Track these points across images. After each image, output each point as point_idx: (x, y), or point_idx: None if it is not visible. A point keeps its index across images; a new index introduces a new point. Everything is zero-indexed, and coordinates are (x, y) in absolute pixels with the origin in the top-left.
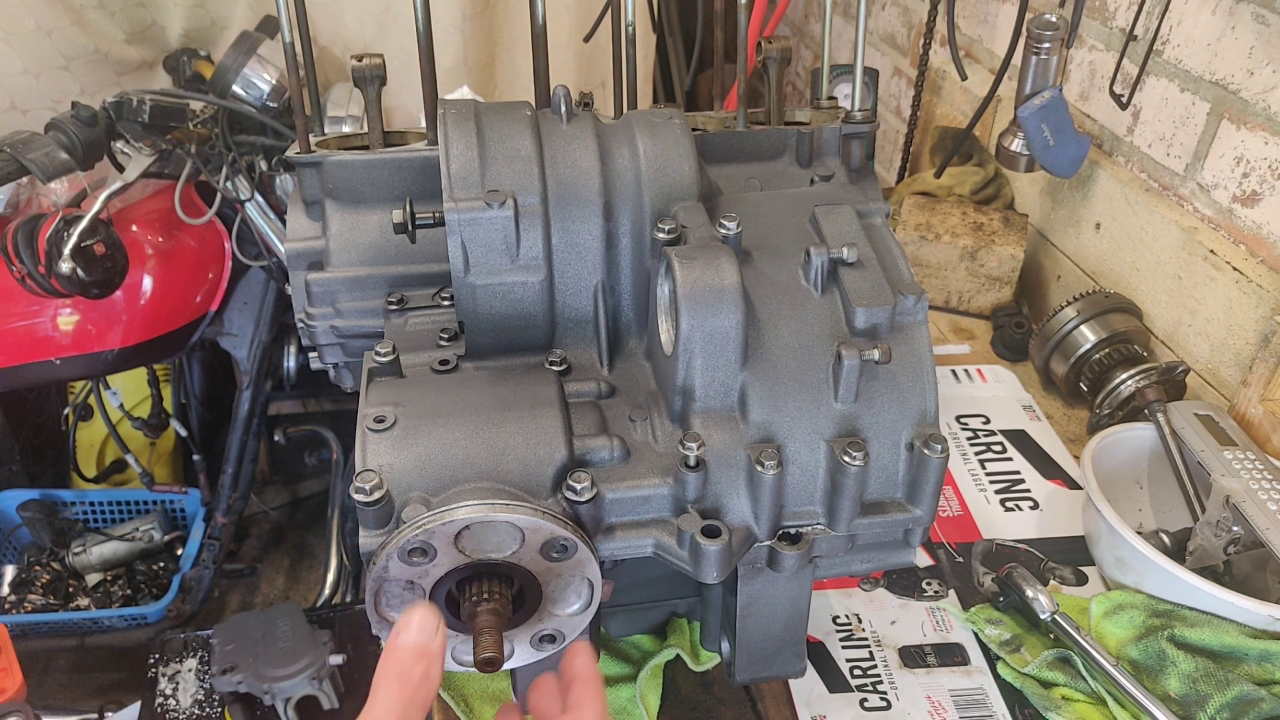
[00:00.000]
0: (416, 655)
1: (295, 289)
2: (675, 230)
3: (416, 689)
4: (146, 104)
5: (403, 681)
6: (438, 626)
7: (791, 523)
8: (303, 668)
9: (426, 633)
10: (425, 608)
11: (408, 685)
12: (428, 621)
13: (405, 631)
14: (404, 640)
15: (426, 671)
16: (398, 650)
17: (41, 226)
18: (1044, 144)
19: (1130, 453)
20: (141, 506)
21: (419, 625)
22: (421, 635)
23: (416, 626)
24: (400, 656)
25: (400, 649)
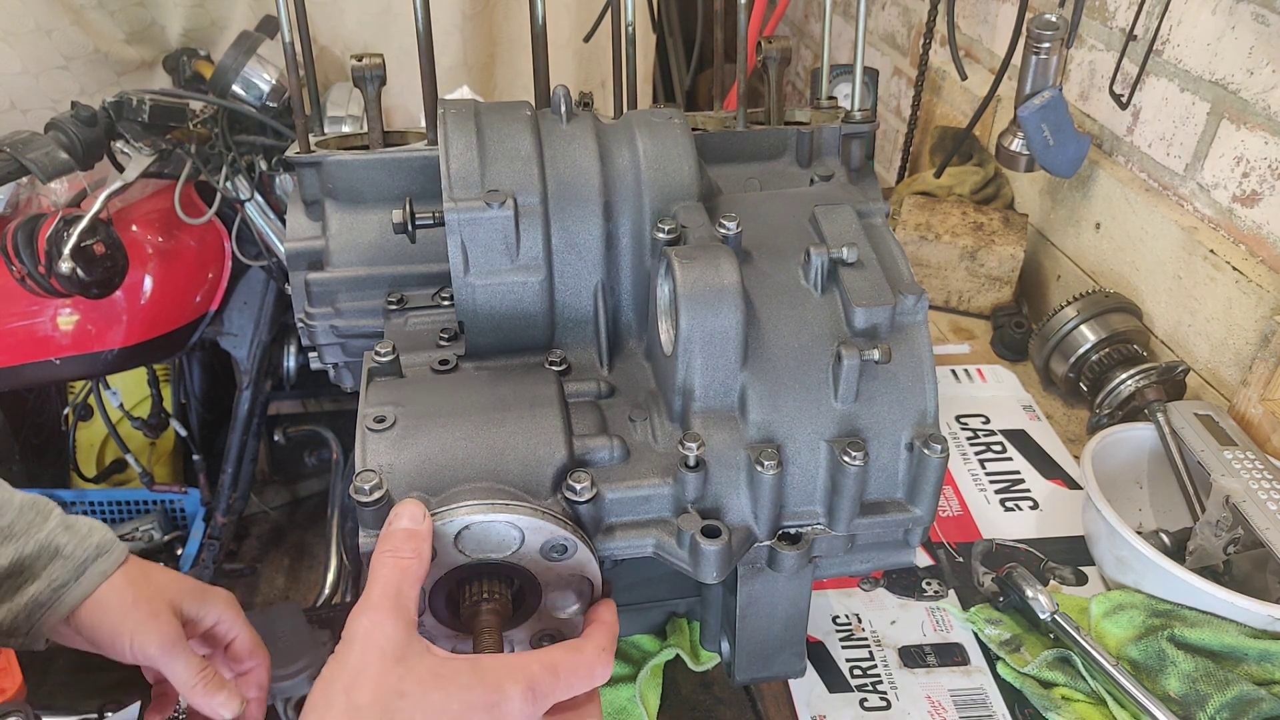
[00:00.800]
0: (407, 535)
1: (295, 289)
2: (675, 230)
3: (409, 564)
4: (146, 104)
5: (396, 557)
6: (424, 514)
7: (791, 523)
8: (303, 668)
9: (415, 520)
10: (413, 501)
11: (400, 561)
12: (415, 510)
13: (396, 520)
14: (395, 526)
15: (417, 549)
16: (391, 535)
17: (41, 226)
18: (1044, 144)
19: (1130, 453)
20: (141, 506)
21: (409, 514)
22: (411, 522)
23: (407, 515)
24: (393, 539)
25: (393, 534)
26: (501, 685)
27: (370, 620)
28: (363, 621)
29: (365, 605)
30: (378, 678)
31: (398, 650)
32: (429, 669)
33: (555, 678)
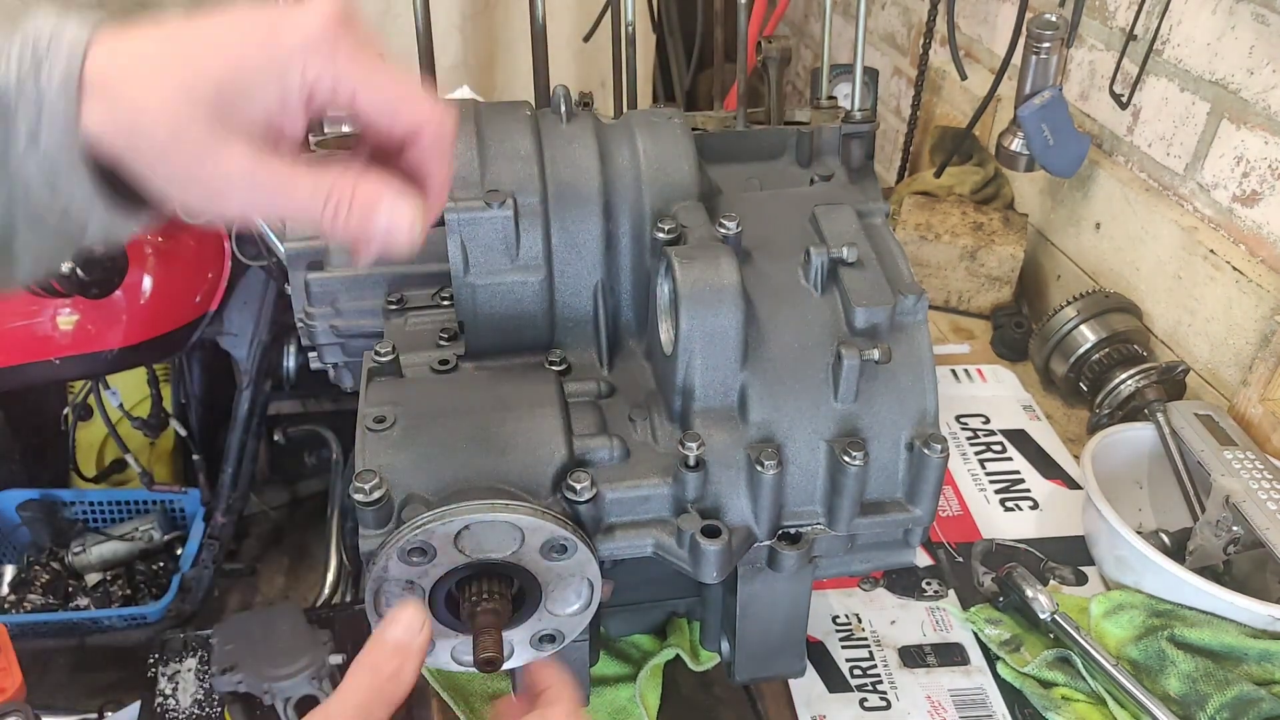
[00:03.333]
0: (394, 651)
1: (295, 289)
2: (675, 230)
3: (385, 683)
4: None
5: (374, 674)
6: (422, 626)
7: (791, 522)
8: (303, 668)
9: (410, 631)
10: (414, 607)
11: (378, 678)
12: (414, 620)
13: (391, 627)
14: (387, 635)
15: (399, 669)
16: (378, 644)
17: None
18: (1044, 144)
19: (1130, 453)
20: (141, 506)
21: (405, 623)
22: (405, 634)
23: (403, 624)
24: (378, 650)
25: (381, 643)
26: None
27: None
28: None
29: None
30: None
31: None
32: None
33: None
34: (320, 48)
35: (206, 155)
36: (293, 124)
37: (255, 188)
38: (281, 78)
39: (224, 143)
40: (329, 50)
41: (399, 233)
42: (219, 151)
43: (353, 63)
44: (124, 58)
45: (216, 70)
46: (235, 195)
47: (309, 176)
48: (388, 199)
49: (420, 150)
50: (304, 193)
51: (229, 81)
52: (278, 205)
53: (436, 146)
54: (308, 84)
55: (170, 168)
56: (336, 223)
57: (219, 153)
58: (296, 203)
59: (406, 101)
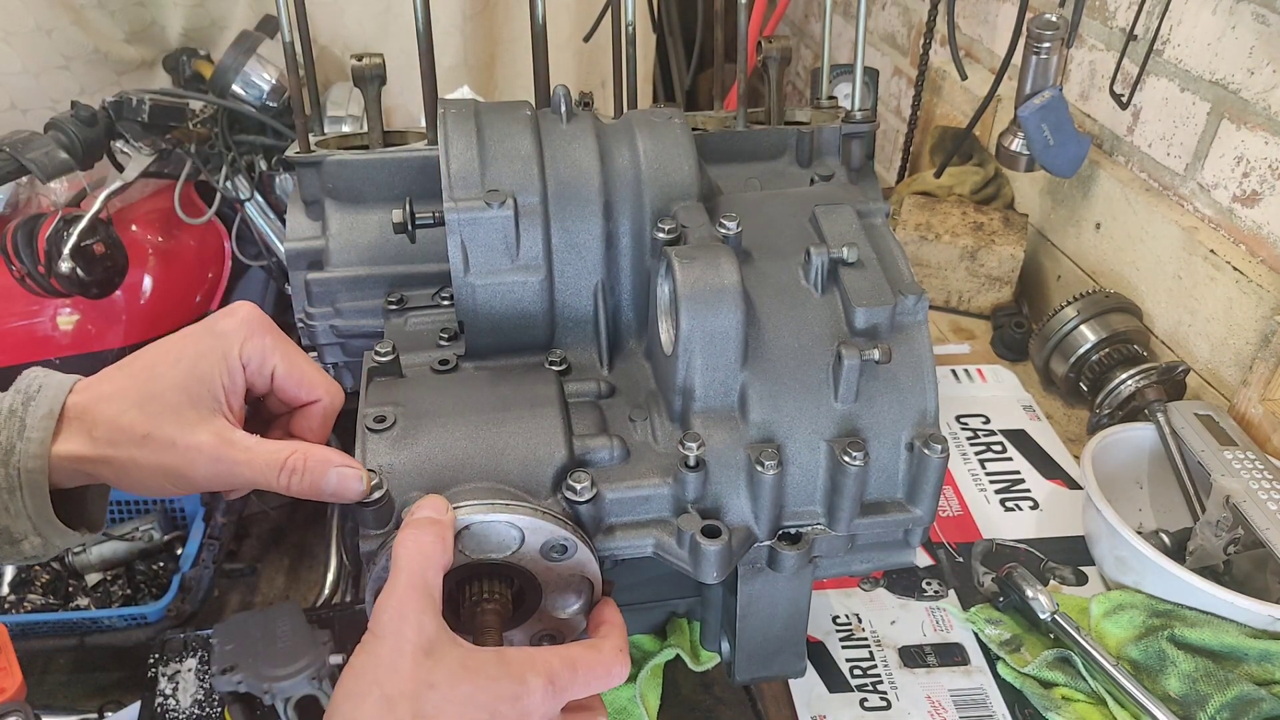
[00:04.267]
0: (430, 522)
1: (295, 289)
2: (675, 230)
3: (432, 550)
4: (146, 103)
5: (419, 543)
6: (447, 506)
7: (791, 523)
8: (303, 668)
9: (438, 509)
10: (435, 495)
11: (423, 546)
12: (439, 502)
13: (419, 509)
14: (419, 514)
15: (441, 534)
16: (414, 521)
17: (41, 226)
18: (1044, 144)
19: (1130, 453)
20: (141, 506)
21: (431, 505)
22: (433, 510)
23: (430, 505)
24: (416, 525)
25: (416, 520)
26: (525, 677)
27: (398, 610)
28: (390, 612)
29: (391, 593)
30: (409, 670)
31: (427, 642)
32: (458, 660)
33: (574, 673)
34: (251, 329)
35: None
36: (238, 393)
37: (219, 462)
38: (226, 358)
39: (190, 431)
40: (258, 331)
41: (348, 491)
42: (186, 438)
43: (275, 344)
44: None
45: (177, 376)
46: (202, 471)
47: (264, 449)
48: (334, 468)
49: (311, 417)
50: (260, 463)
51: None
52: (238, 476)
53: (324, 415)
54: (244, 357)
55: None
56: (290, 487)
57: (186, 439)
58: (255, 471)
59: (313, 381)
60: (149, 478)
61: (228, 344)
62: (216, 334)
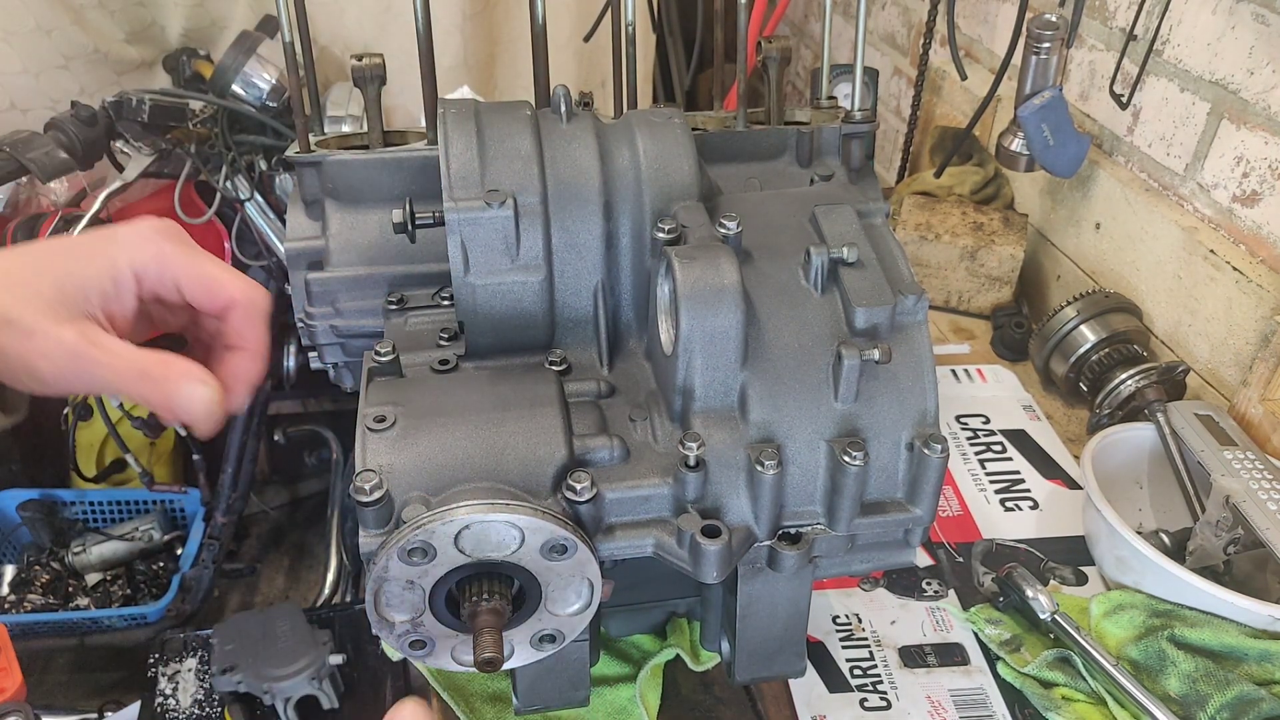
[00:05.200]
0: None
1: (295, 289)
2: (675, 230)
3: None
4: (146, 104)
5: None
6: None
7: (791, 523)
8: (302, 668)
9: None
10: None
11: None
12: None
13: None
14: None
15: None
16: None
17: (41, 226)
18: (1044, 144)
19: (1130, 453)
20: (141, 506)
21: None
22: None
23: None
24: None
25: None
26: None
27: None
28: None
29: None
30: None
31: None
32: None
33: None
34: (146, 240)
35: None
36: (124, 306)
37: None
38: (113, 266)
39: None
40: (155, 242)
41: (196, 410)
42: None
43: (175, 251)
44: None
45: (57, 269)
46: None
47: (129, 354)
48: (190, 381)
49: (235, 319)
50: (122, 366)
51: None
52: (97, 377)
53: (248, 315)
54: (137, 268)
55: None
56: (146, 396)
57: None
58: (115, 375)
59: (221, 282)
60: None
61: (117, 250)
62: (110, 240)
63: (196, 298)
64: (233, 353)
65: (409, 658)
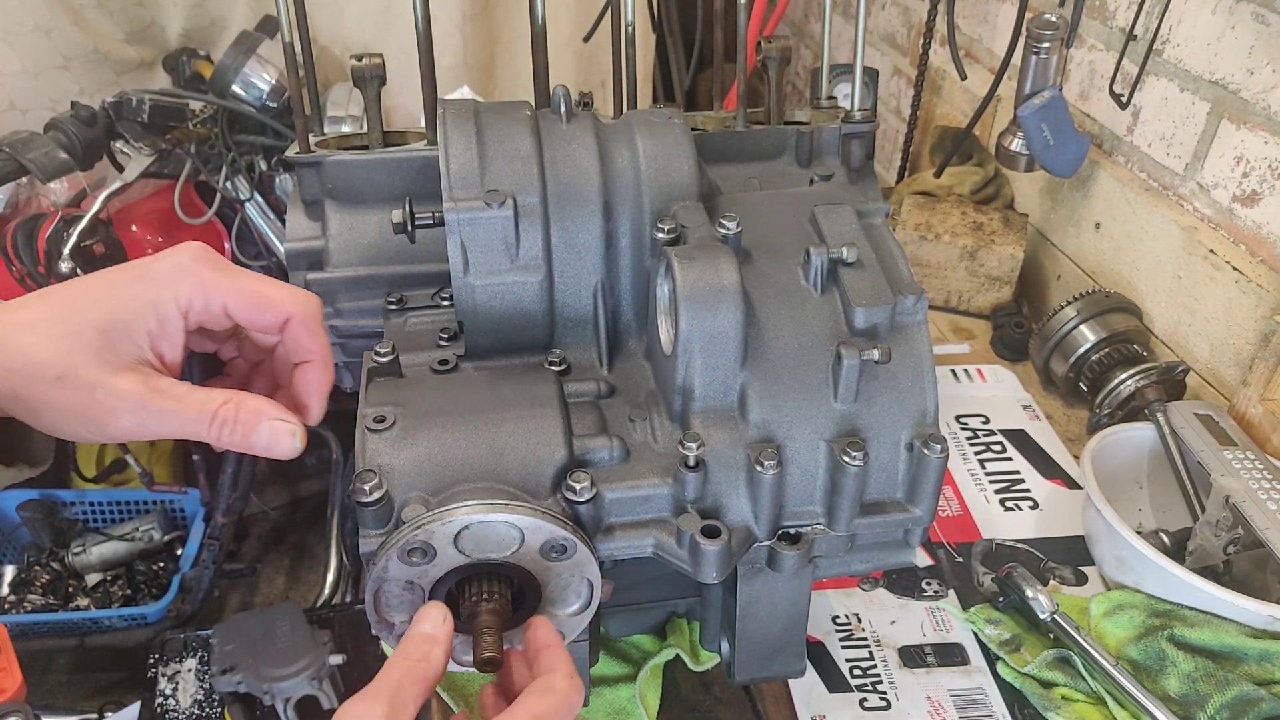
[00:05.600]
0: (422, 639)
1: None
2: (675, 230)
3: (416, 664)
4: (146, 104)
5: (405, 657)
6: (444, 618)
7: (791, 523)
8: (303, 668)
9: (435, 623)
10: (438, 605)
11: (409, 660)
12: (438, 614)
13: (419, 623)
14: (415, 629)
15: (428, 653)
16: (408, 636)
17: (41, 226)
18: (1044, 144)
19: (1130, 453)
20: (141, 506)
21: (431, 618)
22: (431, 626)
23: (429, 619)
24: (409, 640)
25: (410, 635)
26: None
27: (363, 706)
28: (355, 708)
29: (363, 693)
30: None
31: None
32: None
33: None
34: (186, 271)
35: (96, 387)
36: (173, 343)
37: (143, 410)
38: (156, 303)
39: (112, 375)
40: (194, 271)
41: (281, 446)
42: (107, 383)
43: (217, 277)
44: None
45: (97, 316)
46: (124, 419)
47: (195, 398)
48: (267, 420)
49: (294, 333)
50: (191, 413)
51: (110, 321)
52: (166, 425)
53: (306, 326)
54: (182, 303)
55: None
56: (221, 439)
57: (107, 384)
58: (184, 422)
59: (273, 299)
60: (64, 421)
61: (158, 289)
62: (148, 277)
63: (250, 319)
64: (301, 366)
65: None
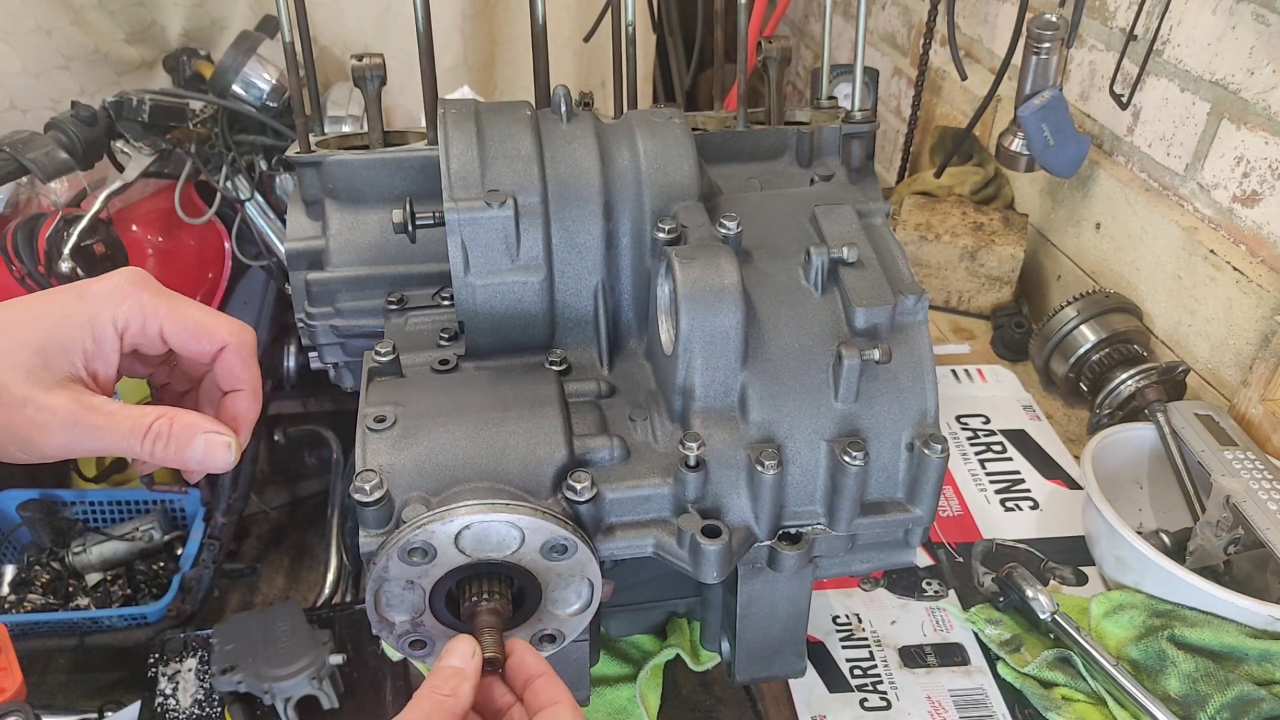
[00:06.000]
0: (452, 673)
1: (295, 289)
2: (675, 230)
3: (445, 698)
4: (146, 104)
5: (435, 691)
6: (474, 652)
7: (791, 522)
8: (303, 668)
9: (464, 658)
10: (466, 639)
11: (438, 695)
12: (466, 649)
13: (447, 656)
14: (444, 663)
15: (457, 688)
16: (437, 670)
17: (41, 226)
18: (1044, 144)
19: (1130, 453)
20: (141, 506)
21: (459, 652)
22: (460, 660)
23: (458, 653)
24: (438, 674)
25: (440, 669)
26: None
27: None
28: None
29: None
30: None
31: None
32: None
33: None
34: (125, 293)
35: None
36: (107, 362)
37: (75, 426)
38: (93, 323)
39: (44, 391)
40: (134, 294)
41: (216, 460)
42: (39, 399)
43: (156, 301)
44: None
45: (32, 334)
46: (56, 435)
47: (128, 414)
48: (202, 433)
49: (228, 362)
50: (124, 428)
51: (45, 339)
52: (99, 442)
53: (240, 356)
54: (119, 323)
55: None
56: (155, 454)
57: (39, 400)
58: (117, 437)
59: (209, 327)
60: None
61: (95, 308)
62: (85, 298)
63: (185, 345)
64: (229, 396)
65: (409, 658)
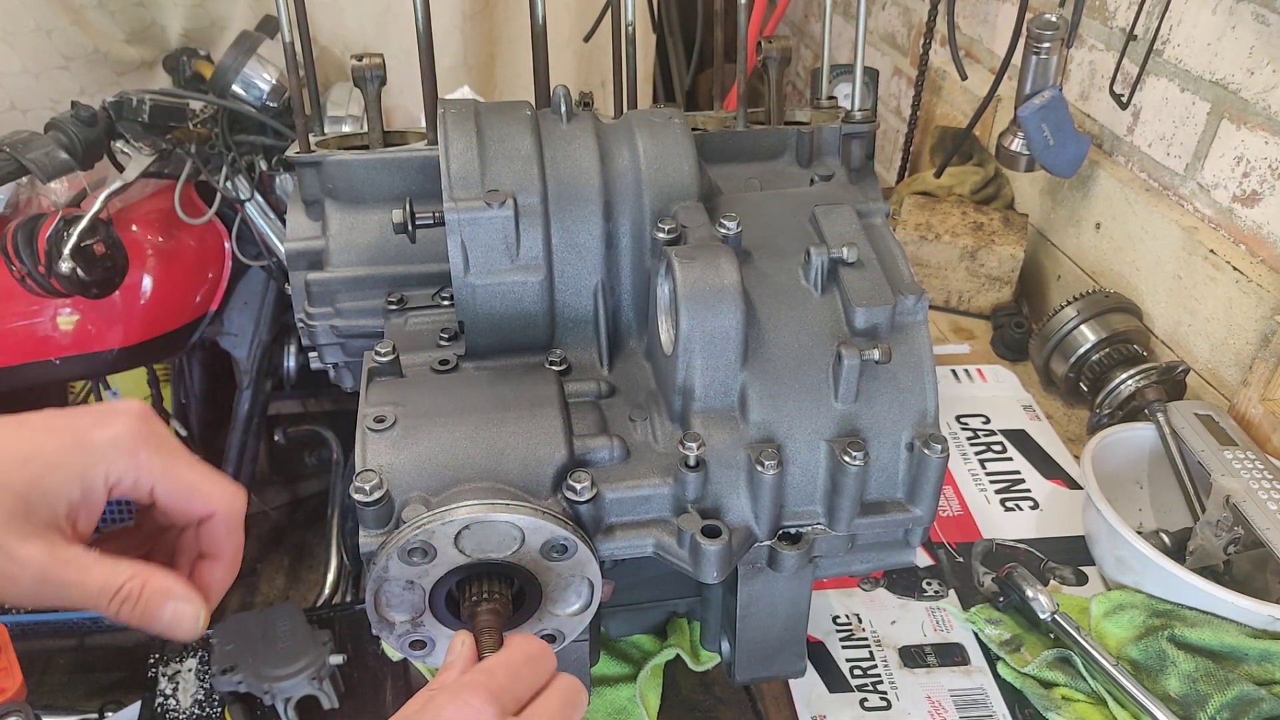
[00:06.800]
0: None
1: (295, 289)
2: (675, 230)
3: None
4: (146, 104)
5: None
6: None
7: (791, 522)
8: (303, 668)
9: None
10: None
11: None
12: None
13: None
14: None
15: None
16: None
17: (41, 226)
18: (1044, 144)
19: (1130, 453)
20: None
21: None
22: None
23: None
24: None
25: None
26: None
27: None
28: None
29: None
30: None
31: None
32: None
33: None
34: (123, 448)
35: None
36: (91, 513)
37: (45, 581)
38: (84, 476)
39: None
40: (131, 450)
41: (181, 629)
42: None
43: (153, 460)
44: None
45: (19, 478)
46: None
47: (100, 570)
48: (172, 600)
49: (213, 529)
50: (94, 585)
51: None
52: (67, 596)
53: (226, 524)
54: (110, 479)
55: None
56: (121, 615)
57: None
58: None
59: (202, 492)
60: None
61: (90, 463)
62: (83, 447)
63: (174, 507)
64: (207, 561)
65: (409, 658)
